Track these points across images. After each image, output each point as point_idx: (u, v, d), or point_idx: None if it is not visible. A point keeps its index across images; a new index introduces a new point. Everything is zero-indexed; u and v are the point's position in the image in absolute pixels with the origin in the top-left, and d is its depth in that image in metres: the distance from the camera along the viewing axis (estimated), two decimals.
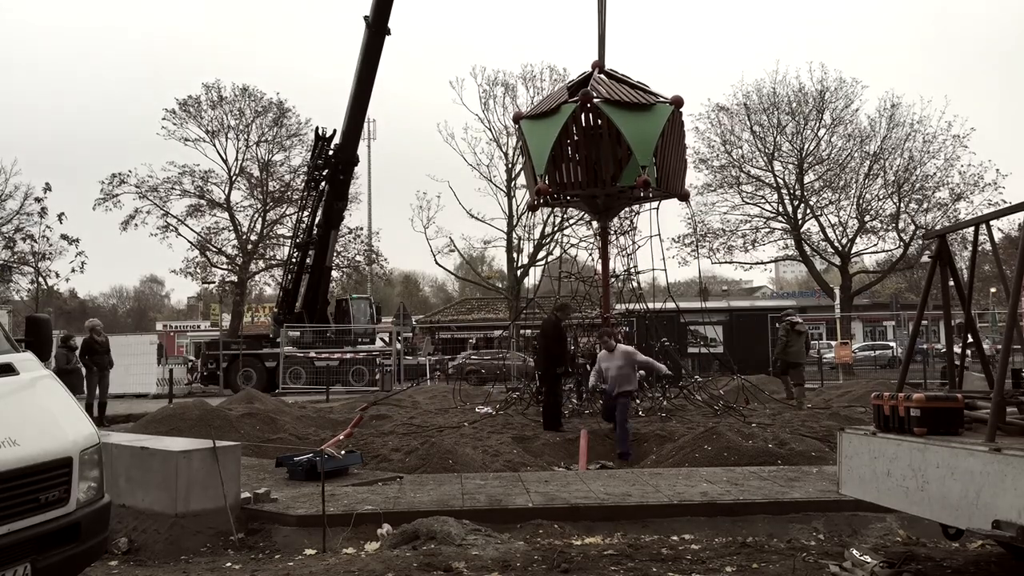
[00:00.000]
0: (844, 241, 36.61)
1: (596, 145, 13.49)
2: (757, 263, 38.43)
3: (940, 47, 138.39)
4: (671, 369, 15.81)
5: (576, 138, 13.58)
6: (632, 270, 15.11)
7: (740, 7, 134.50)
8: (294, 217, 32.98)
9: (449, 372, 30.42)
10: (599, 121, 13.36)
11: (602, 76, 14.15)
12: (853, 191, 36.11)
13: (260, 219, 40.40)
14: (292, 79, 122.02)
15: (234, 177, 40.13)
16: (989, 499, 4.09)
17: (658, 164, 13.45)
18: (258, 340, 29.62)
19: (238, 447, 7.64)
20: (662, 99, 13.88)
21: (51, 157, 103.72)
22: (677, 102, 13.93)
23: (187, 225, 39.64)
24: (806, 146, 36.12)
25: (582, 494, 7.59)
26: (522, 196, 36.40)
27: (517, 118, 15.22)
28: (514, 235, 37.94)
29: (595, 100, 13.27)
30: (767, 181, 36.94)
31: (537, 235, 34.52)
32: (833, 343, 35.91)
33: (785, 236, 37.33)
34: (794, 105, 35.89)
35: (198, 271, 40.68)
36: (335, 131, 28.27)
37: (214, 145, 39.89)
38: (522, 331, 28.07)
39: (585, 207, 15.25)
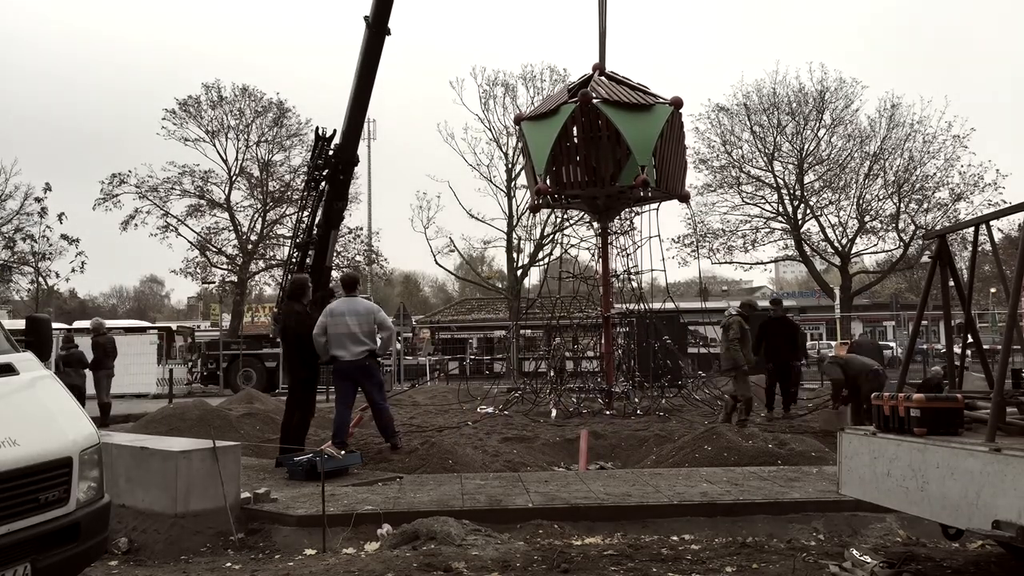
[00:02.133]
0: (844, 241, 36.63)
1: (596, 145, 13.52)
2: (757, 263, 38.49)
3: (941, 46, 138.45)
4: (671, 369, 15.82)
5: (576, 138, 13.62)
6: (633, 270, 15.16)
7: (740, 8, 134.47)
8: (294, 217, 32.92)
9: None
10: (599, 121, 13.39)
11: (602, 78, 14.18)
12: (853, 191, 36.14)
13: (260, 219, 40.41)
14: (292, 79, 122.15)
15: (234, 177, 40.15)
16: (989, 499, 4.09)
17: (657, 164, 13.49)
18: (258, 340, 29.61)
19: (238, 447, 7.63)
20: (661, 100, 13.91)
21: (51, 157, 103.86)
22: (676, 103, 13.96)
23: (187, 225, 39.70)
24: (806, 146, 36.14)
25: (582, 494, 7.58)
26: (522, 196, 36.42)
27: (518, 120, 15.27)
28: (514, 235, 37.93)
29: (594, 100, 13.30)
30: (767, 181, 36.97)
31: (537, 235, 34.53)
32: (833, 343, 35.94)
33: (785, 236, 37.36)
34: (794, 105, 35.90)
35: (198, 271, 40.72)
36: (335, 131, 28.21)
37: (214, 145, 39.93)
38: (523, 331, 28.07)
39: (586, 207, 15.29)
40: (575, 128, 13.52)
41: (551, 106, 14.13)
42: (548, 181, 13.87)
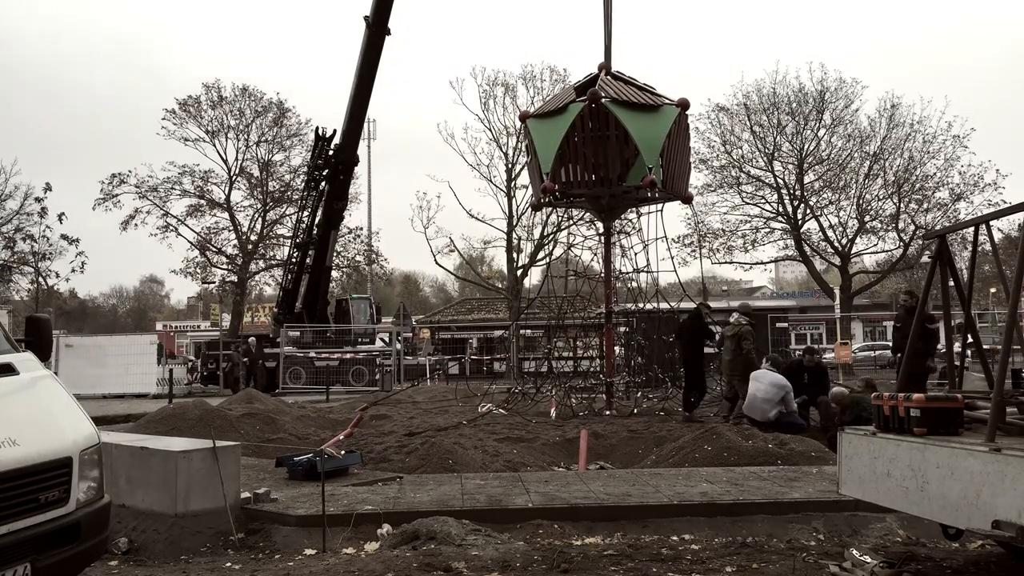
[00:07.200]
0: (844, 241, 36.59)
1: (603, 145, 13.51)
2: (757, 263, 38.45)
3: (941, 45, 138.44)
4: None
5: (583, 137, 13.60)
6: (644, 269, 15.18)
7: (740, 7, 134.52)
8: (294, 217, 33.01)
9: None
10: (607, 121, 13.38)
11: (608, 78, 14.17)
12: (853, 191, 36.10)
13: (260, 219, 40.42)
14: (292, 80, 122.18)
15: (234, 177, 40.16)
16: (989, 499, 4.09)
17: (664, 165, 13.49)
18: (258, 340, 29.62)
19: (238, 447, 7.64)
20: (668, 101, 13.91)
21: (51, 157, 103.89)
22: (683, 104, 13.96)
23: (187, 225, 39.72)
24: (806, 146, 36.09)
25: (582, 494, 7.59)
26: (522, 196, 36.40)
27: (524, 117, 15.22)
28: (514, 235, 37.93)
29: (603, 100, 13.27)
30: (767, 181, 36.92)
31: (537, 235, 34.52)
32: (833, 343, 35.92)
33: (785, 236, 37.32)
34: (794, 105, 35.85)
35: (198, 271, 40.72)
36: (335, 131, 28.28)
37: (214, 145, 39.95)
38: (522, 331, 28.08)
39: (590, 207, 15.27)
40: (582, 127, 13.50)
41: (558, 104, 14.09)
42: (553, 180, 13.85)
